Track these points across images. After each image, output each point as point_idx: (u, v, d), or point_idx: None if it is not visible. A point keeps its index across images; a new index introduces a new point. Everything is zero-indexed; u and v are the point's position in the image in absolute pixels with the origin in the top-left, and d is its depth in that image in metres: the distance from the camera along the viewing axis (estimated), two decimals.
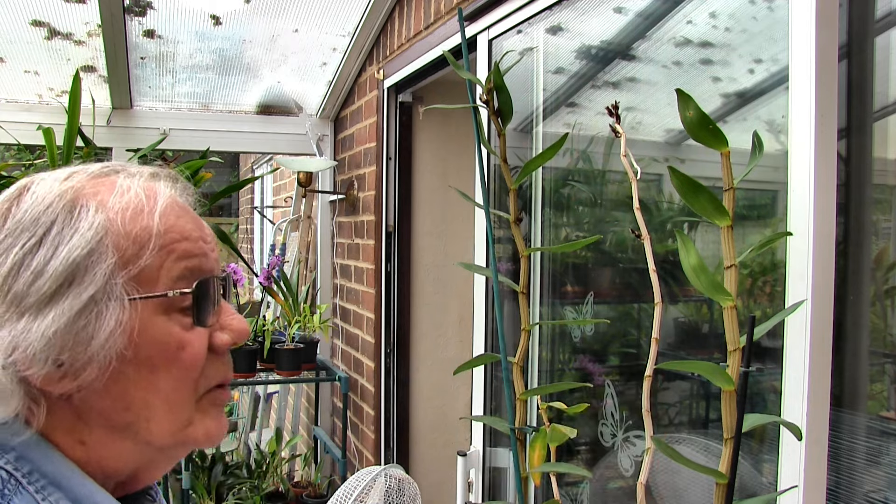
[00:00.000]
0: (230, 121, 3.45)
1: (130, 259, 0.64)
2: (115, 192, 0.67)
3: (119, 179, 0.69)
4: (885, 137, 1.11)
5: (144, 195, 0.68)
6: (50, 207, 0.64)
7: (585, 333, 1.75)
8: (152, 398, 0.65)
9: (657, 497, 1.49)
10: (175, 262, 0.66)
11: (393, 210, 2.92)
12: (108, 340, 0.62)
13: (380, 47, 2.96)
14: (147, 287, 0.65)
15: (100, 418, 0.64)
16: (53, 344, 0.61)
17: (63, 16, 2.63)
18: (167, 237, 0.66)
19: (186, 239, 0.68)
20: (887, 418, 1.11)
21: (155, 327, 0.65)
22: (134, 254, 0.64)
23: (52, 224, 0.64)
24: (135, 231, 0.65)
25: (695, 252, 0.94)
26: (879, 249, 1.11)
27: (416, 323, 3.00)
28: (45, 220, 0.64)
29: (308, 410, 4.04)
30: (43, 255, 0.62)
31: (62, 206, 0.65)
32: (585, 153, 1.79)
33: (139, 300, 0.64)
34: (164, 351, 0.65)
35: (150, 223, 0.66)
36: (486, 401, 2.13)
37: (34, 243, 0.63)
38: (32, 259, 0.62)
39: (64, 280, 0.62)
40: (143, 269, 0.64)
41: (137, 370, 0.64)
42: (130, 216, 0.66)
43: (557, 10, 1.77)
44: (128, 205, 0.66)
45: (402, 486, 2.12)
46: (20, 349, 0.61)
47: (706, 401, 1.54)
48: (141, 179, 0.70)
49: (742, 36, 1.33)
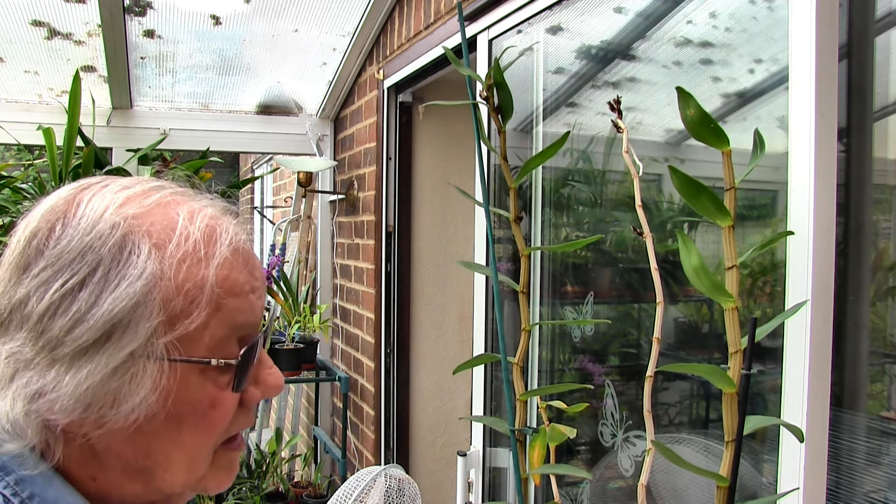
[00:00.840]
0: (230, 121, 3.45)
1: (177, 317, 0.59)
2: (173, 235, 0.61)
3: (180, 218, 0.62)
4: (885, 137, 1.11)
5: (203, 241, 0.62)
6: (99, 240, 0.59)
7: (585, 333, 1.75)
8: (174, 451, 0.62)
9: (657, 497, 1.49)
10: (221, 321, 0.62)
11: (393, 210, 2.92)
12: (140, 402, 0.58)
13: (380, 47, 2.95)
14: (189, 348, 0.60)
15: (117, 461, 0.62)
16: (82, 400, 0.57)
17: (63, 16, 2.63)
18: (219, 292, 0.61)
19: (237, 295, 0.63)
20: (887, 418, 1.10)
21: (190, 387, 0.61)
22: (181, 311, 0.59)
23: (98, 264, 0.58)
24: (187, 285, 0.60)
25: (696, 252, 0.94)
26: (879, 249, 1.11)
27: (416, 323, 2.99)
28: (92, 258, 0.58)
29: (308, 410, 4.04)
30: (85, 299, 0.57)
31: (112, 243, 0.59)
32: (585, 153, 1.79)
33: (179, 362, 0.60)
34: (195, 409, 0.62)
35: (204, 275, 0.61)
36: (486, 401, 2.13)
37: (76, 283, 0.57)
38: (73, 302, 0.57)
39: (104, 333, 0.57)
40: (188, 330, 0.60)
41: (164, 425, 0.61)
42: (186, 267, 0.60)
43: (557, 10, 1.77)
44: (185, 254, 0.61)
45: (402, 486, 2.11)
46: (46, 398, 0.57)
47: (706, 401, 1.54)
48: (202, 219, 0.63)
49: (742, 36, 1.33)
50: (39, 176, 2.71)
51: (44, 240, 0.60)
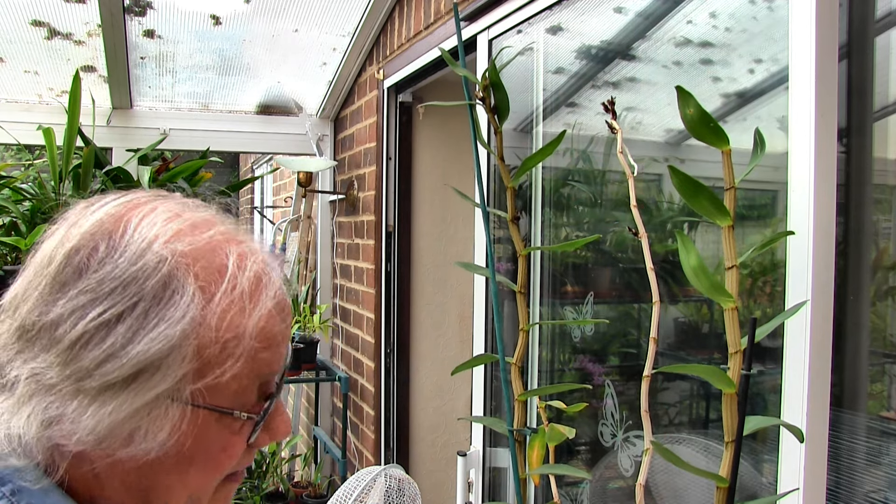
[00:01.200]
0: (230, 121, 3.45)
1: (210, 366, 0.58)
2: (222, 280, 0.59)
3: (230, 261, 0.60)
4: (885, 137, 1.11)
5: (249, 291, 0.60)
6: (143, 273, 0.56)
7: (585, 333, 1.75)
8: (177, 487, 0.62)
9: (657, 497, 1.49)
10: (250, 372, 0.60)
11: (393, 210, 2.92)
12: (158, 444, 0.58)
13: (380, 47, 2.95)
14: (215, 395, 0.59)
15: (119, 486, 0.61)
16: (99, 433, 0.56)
17: (63, 16, 2.63)
18: (254, 344, 0.60)
19: (269, 347, 0.61)
20: (887, 418, 1.10)
21: (207, 432, 0.60)
22: (215, 360, 0.58)
23: (140, 298, 0.56)
24: (226, 336, 0.58)
25: (695, 253, 0.94)
26: (879, 249, 1.11)
27: (416, 323, 2.99)
28: (134, 291, 0.56)
29: (308, 410, 4.04)
30: (122, 333, 0.55)
31: (157, 279, 0.57)
32: (585, 153, 1.79)
33: (201, 408, 0.59)
34: (207, 452, 0.61)
35: (244, 326, 0.59)
36: (486, 401, 2.13)
37: (115, 315, 0.55)
38: (108, 335, 0.55)
39: (134, 372, 0.55)
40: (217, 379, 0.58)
41: (174, 464, 0.60)
42: (229, 317, 0.59)
43: (557, 10, 1.77)
44: (230, 304, 0.59)
45: (402, 486, 2.11)
46: (63, 426, 0.56)
47: (706, 401, 1.54)
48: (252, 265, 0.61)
49: (742, 36, 1.33)
50: (39, 176, 2.71)
51: (85, 259, 0.57)
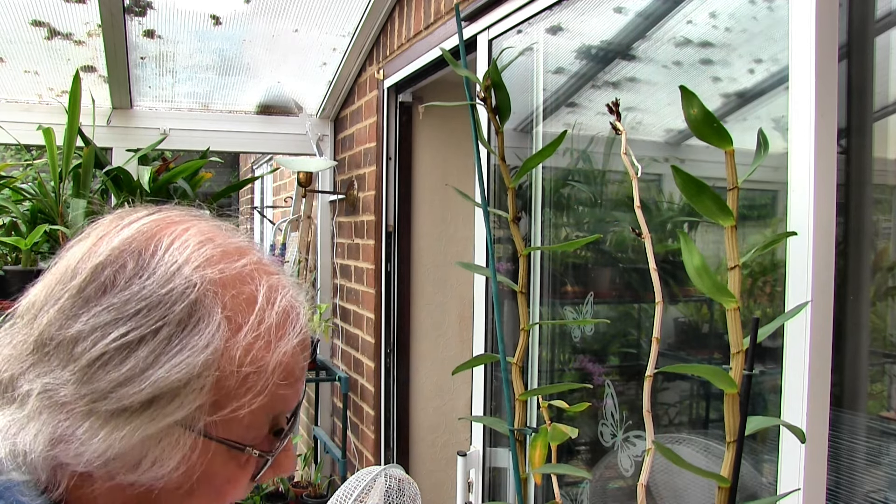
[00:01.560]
0: (230, 121, 3.45)
1: (228, 398, 0.56)
2: (250, 313, 0.57)
3: (260, 293, 0.59)
4: (885, 137, 1.11)
5: (276, 326, 0.58)
6: (171, 297, 0.55)
7: (585, 333, 1.75)
8: None
9: (657, 497, 1.49)
10: (266, 407, 0.58)
11: (393, 210, 2.92)
12: (165, 473, 0.56)
13: (380, 47, 2.95)
14: (227, 429, 0.57)
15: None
16: (108, 457, 0.54)
17: (63, 16, 2.63)
18: (275, 378, 0.58)
19: (289, 384, 0.60)
20: (887, 418, 1.10)
21: (214, 464, 0.58)
22: (234, 394, 0.56)
23: (165, 323, 0.54)
24: (248, 370, 0.56)
25: (697, 253, 0.94)
26: (879, 249, 1.11)
27: (416, 323, 2.99)
28: (159, 315, 0.54)
29: (308, 410, 4.04)
30: (143, 357, 0.53)
31: (185, 305, 0.55)
32: (585, 153, 1.79)
33: (213, 440, 0.57)
34: (211, 483, 0.59)
35: (267, 362, 0.57)
36: (486, 401, 2.13)
37: (137, 337, 0.54)
38: (129, 357, 0.53)
39: (152, 398, 0.53)
40: (233, 413, 0.57)
41: (177, 491, 0.58)
42: (254, 351, 0.57)
43: (557, 10, 1.77)
44: (256, 337, 0.57)
45: (402, 486, 2.11)
46: (71, 446, 0.54)
47: (707, 401, 1.54)
48: (282, 300, 0.60)
49: (742, 36, 1.33)
50: (39, 176, 2.71)
51: (112, 276, 0.55)
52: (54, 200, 2.56)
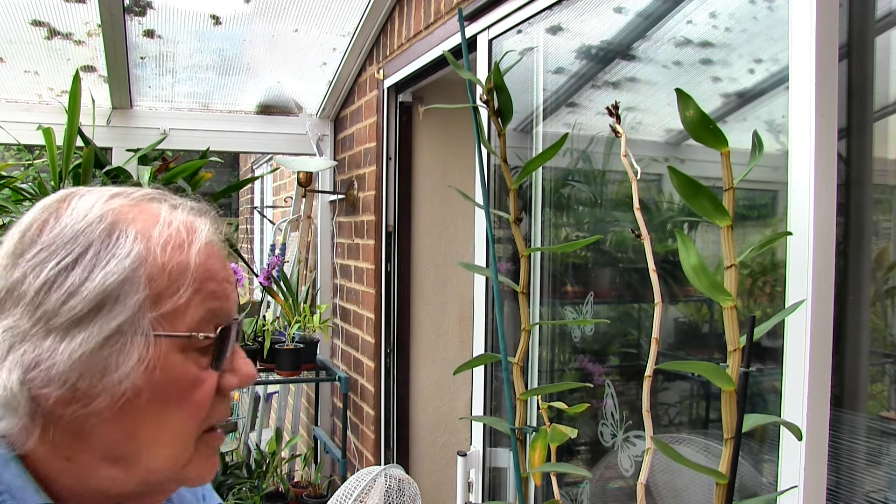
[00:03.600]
0: (230, 121, 3.45)
1: (162, 294, 0.64)
2: (157, 223, 0.67)
3: (162, 210, 0.68)
4: (885, 137, 1.11)
5: (185, 230, 0.68)
6: (90, 227, 0.64)
7: (585, 333, 1.75)
8: (159, 433, 0.65)
9: (657, 497, 1.49)
10: (202, 302, 0.66)
11: (393, 210, 2.92)
12: (127, 373, 0.61)
13: (380, 47, 2.96)
14: (172, 325, 0.64)
15: (99, 444, 0.63)
16: (75, 368, 0.60)
17: (63, 16, 2.63)
18: (199, 275, 0.66)
19: (214, 279, 0.68)
20: (887, 418, 1.10)
21: (173, 364, 0.64)
22: (166, 289, 0.64)
23: (89, 244, 0.63)
24: (171, 265, 0.65)
25: (695, 252, 0.94)
26: (879, 249, 1.11)
27: (416, 323, 3.00)
28: (83, 240, 0.63)
29: (308, 410, 4.04)
30: (78, 274, 0.62)
31: (102, 228, 0.64)
32: (585, 153, 1.79)
33: (163, 337, 0.64)
34: (178, 388, 0.65)
35: (186, 259, 0.66)
36: (486, 401, 2.13)
37: (70, 262, 0.62)
38: (67, 278, 0.61)
39: (96, 304, 0.61)
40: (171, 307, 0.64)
41: (149, 404, 0.63)
42: (169, 250, 0.65)
43: (557, 10, 1.77)
44: (168, 238, 0.66)
45: (402, 486, 2.11)
46: (42, 367, 0.60)
47: (706, 401, 1.54)
48: (182, 213, 0.70)
49: (742, 36, 1.33)
50: (39, 176, 2.71)
51: (37, 231, 0.64)
52: None
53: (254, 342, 3.14)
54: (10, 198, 2.59)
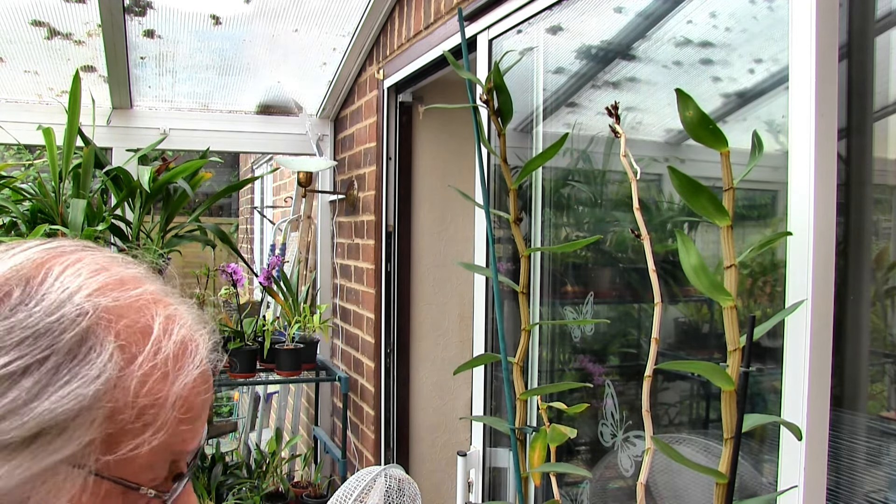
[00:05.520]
0: (230, 121, 3.45)
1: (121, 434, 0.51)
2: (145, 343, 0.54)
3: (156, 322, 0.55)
4: (885, 137, 1.11)
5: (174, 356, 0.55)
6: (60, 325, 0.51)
7: (585, 333, 1.75)
8: None
9: (657, 497, 1.49)
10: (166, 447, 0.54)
11: (393, 210, 2.92)
12: None
13: (380, 47, 2.96)
14: (121, 468, 0.52)
15: None
16: None
17: (63, 16, 2.63)
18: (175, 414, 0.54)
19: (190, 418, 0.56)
20: (887, 418, 1.10)
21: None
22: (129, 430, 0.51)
23: (52, 352, 0.50)
24: (144, 403, 0.52)
25: (695, 252, 0.94)
26: (879, 249, 1.11)
27: (416, 323, 3.00)
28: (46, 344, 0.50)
29: (308, 410, 4.04)
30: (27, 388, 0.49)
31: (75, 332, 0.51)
32: (585, 153, 1.79)
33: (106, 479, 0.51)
34: None
35: (167, 394, 0.53)
36: (486, 401, 2.13)
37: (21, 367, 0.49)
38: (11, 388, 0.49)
39: (36, 433, 0.49)
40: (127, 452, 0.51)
41: None
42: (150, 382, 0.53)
43: (557, 10, 1.77)
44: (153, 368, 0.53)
45: (402, 486, 2.11)
46: None
47: (706, 401, 1.54)
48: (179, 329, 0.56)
49: (742, 36, 1.33)
50: (39, 176, 2.71)
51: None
52: (54, 200, 2.56)
53: (254, 342, 3.14)
54: (10, 198, 2.59)
